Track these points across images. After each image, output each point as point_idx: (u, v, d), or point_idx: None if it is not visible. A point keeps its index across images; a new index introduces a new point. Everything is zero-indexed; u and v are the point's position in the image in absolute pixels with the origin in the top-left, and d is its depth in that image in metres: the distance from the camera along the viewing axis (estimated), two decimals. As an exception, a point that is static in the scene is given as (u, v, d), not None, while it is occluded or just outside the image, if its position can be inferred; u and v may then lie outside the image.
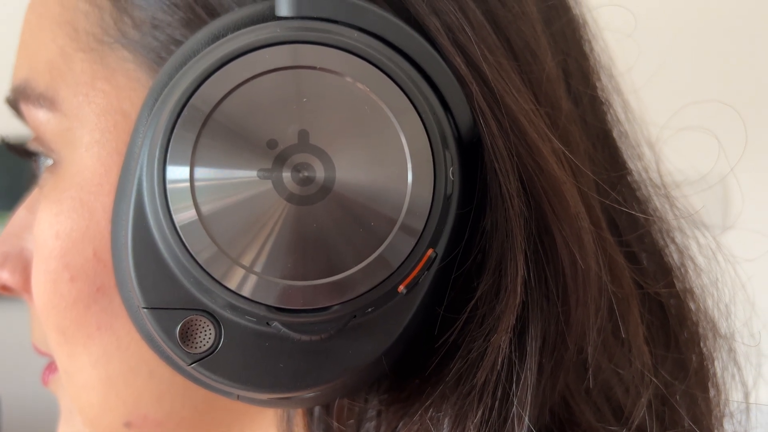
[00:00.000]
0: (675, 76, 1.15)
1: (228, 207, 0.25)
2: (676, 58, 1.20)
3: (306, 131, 0.25)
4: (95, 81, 0.34)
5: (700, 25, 1.25)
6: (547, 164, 0.28)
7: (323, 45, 0.25)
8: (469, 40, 0.29)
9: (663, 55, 1.20)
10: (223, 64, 0.25)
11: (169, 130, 0.25)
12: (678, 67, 1.20)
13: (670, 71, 1.18)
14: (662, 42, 1.18)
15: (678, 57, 1.22)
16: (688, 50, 1.25)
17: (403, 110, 0.25)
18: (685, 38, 1.25)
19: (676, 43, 1.24)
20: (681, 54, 1.23)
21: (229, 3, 0.32)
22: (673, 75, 1.16)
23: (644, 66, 0.38)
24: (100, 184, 0.33)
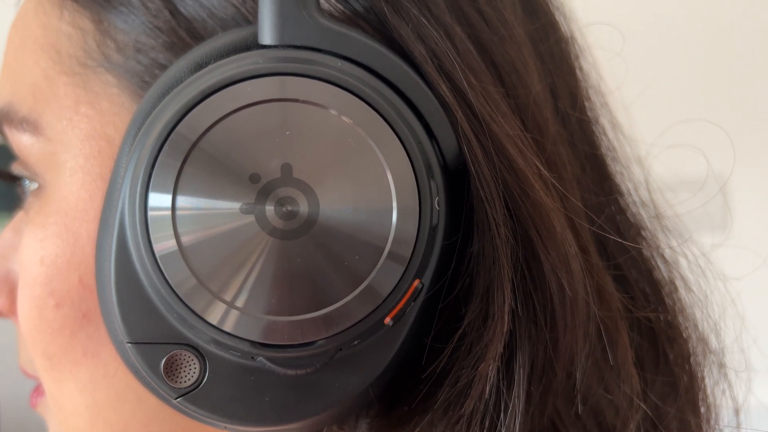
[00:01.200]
0: (663, 93, 1.16)
1: (209, 239, 0.25)
2: (665, 75, 1.20)
3: (289, 165, 0.24)
4: (79, 105, 0.33)
5: (689, 41, 1.26)
6: (533, 191, 0.28)
7: (306, 77, 0.25)
8: (455, 67, 0.28)
9: (651, 72, 1.20)
10: (206, 96, 0.25)
11: (153, 157, 0.25)
12: (666, 84, 1.20)
13: (659, 88, 1.19)
14: (651, 59, 1.19)
15: (666, 74, 1.23)
16: (677, 67, 1.25)
17: (388, 142, 0.25)
18: (673, 55, 1.25)
19: (665, 60, 1.24)
20: (669, 71, 1.24)
21: (213, 27, 0.32)
22: (662, 92, 1.16)
23: (633, 83, 0.38)
24: (85, 210, 0.33)
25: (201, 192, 0.25)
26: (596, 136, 0.36)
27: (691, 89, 1.25)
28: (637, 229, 0.37)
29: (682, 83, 1.25)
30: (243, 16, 0.31)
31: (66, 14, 0.34)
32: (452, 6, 0.31)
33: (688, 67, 1.26)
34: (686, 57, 1.26)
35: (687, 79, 1.26)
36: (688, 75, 1.26)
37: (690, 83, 1.26)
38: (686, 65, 1.26)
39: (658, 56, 1.20)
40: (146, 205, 0.25)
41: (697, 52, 1.27)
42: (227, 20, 0.32)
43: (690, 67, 1.27)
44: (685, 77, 1.25)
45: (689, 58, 1.27)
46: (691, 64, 1.27)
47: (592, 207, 0.33)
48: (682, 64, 1.26)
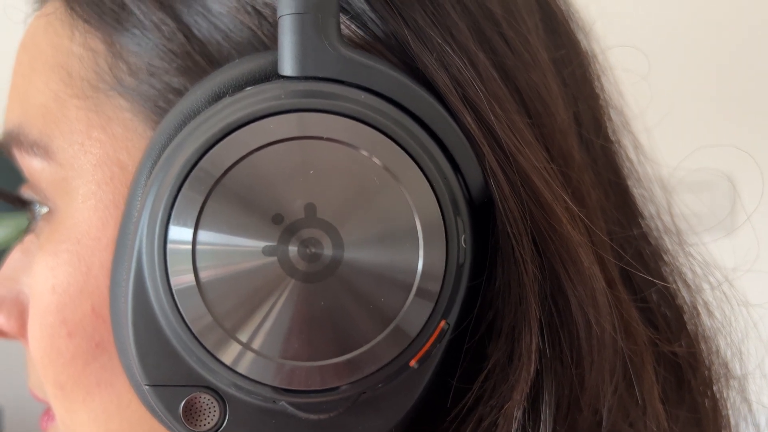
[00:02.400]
0: (688, 116, 1.15)
1: (229, 277, 0.24)
2: (689, 98, 1.20)
3: (313, 205, 0.24)
4: (91, 130, 0.32)
5: (713, 65, 1.24)
6: (561, 225, 0.27)
7: (329, 113, 0.24)
8: (479, 96, 0.28)
9: (675, 95, 1.20)
10: (229, 133, 0.24)
11: (176, 190, 0.24)
12: (691, 107, 1.20)
13: (683, 111, 1.18)
14: (674, 82, 1.18)
15: (691, 96, 1.22)
16: (701, 90, 1.24)
17: (413, 179, 0.24)
18: (697, 78, 1.24)
19: (688, 83, 1.23)
20: (694, 93, 1.23)
21: (228, 50, 0.31)
22: (686, 115, 1.16)
23: (656, 106, 0.37)
24: (98, 238, 0.32)
25: (223, 228, 0.24)
26: (619, 159, 0.35)
27: (716, 113, 1.24)
28: (659, 253, 0.36)
29: (706, 106, 1.24)
30: (259, 39, 0.30)
31: (77, 35, 0.33)
32: (475, 31, 0.30)
33: (711, 89, 1.25)
34: (711, 79, 1.25)
35: (712, 101, 1.25)
36: (711, 97, 1.24)
37: (714, 105, 1.25)
38: (710, 87, 1.25)
39: (682, 79, 1.20)
40: (166, 237, 0.24)
41: (722, 73, 1.26)
42: (243, 43, 0.31)
43: (714, 89, 1.26)
44: (709, 100, 1.24)
45: (713, 80, 1.26)
46: (715, 86, 1.26)
47: (617, 237, 0.32)
48: (706, 86, 1.25)
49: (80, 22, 0.33)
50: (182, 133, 0.26)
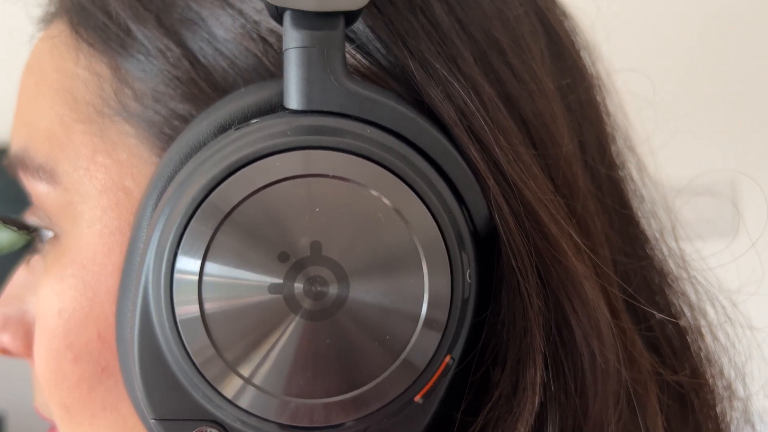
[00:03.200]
0: (693, 139, 1.15)
1: (233, 310, 0.24)
2: (694, 119, 1.20)
3: (318, 242, 0.24)
4: (96, 155, 0.32)
5: (719, 86, 1.24)
6: (566, 258, 0.27)
7: (334, 150, 0.24)
8: (484, 128, 0.28)
9: (680, 116, 1.19)
10: (235, 171, 0.24)
11: (185, 223, 0.24)
12: (695, 130, 1.20)
13: (688, 134, 1.18)
14: (680, 104, 1.18)
15: (695, 117, 1.22)
16: (705, 110, 1.24)
17: (418, 216, 0.24)
18: (704, 100, 1.24)
19: (693, 103, 1.23)
20: (698, 114, 1.23)
21: (234, 77, 0.31)
22: (691, 138, 1.15)
23: (662, 129, 0.37)
24: (103, 264, 0.32)
25: (230, 262, 0.24)
26: (624, 184, 0.35)
27: (720, 134, 1.24)
28: (664, 277, 0.36)
29: (712, 128, 1.24)
30: (265, 66, 0.30)
31: (82, 58, 0.33)
32: (481, 61, 0.30)
33: (717, 112, 1.25)
34: (717, 101, 1.25)
35: (715, 121, 1.24)
36: (715, 118, 1.24)
37: (717, 126, 1.25)
38: (716, 111, 1.25)
39: (687, 99, 1.20)
40: (173, 268, 0.24)
41: (726, 96, 1.26)
42: (248, 70, 0.31)
43: (720, 113, 1.26)
44: (713, 120, 1.24)
45: (719, 102, 1.25)
46: (721, 109, 1.26)
47: (621, 263, 0.32)
48: (712, 110, 1.25)
49: (85, 46, 0.33)
50: (188, 166, 0.26)
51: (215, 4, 0.31)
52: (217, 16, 0.31)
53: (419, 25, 0.29)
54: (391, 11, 0.30)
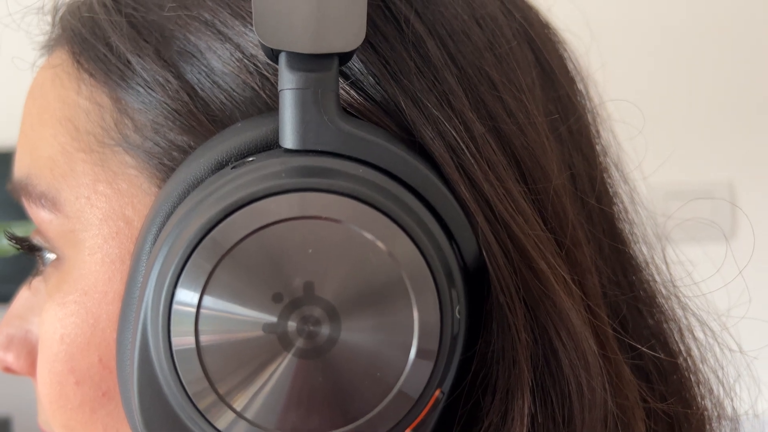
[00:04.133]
0: (684, 163, 1.16)
1: (228, 344, 0.25)
2: (684, 145, 1.20)
3: (312, 283, 0.24)
4: (97, 184, 0.33)
5: (707, 112, 1.25)
6: (554, 293, 0.28)
7: (327, 192, 0.25)
8: (474, 165, 0.28)
9: (680, 122, 1.20)
10: (228, 215, 0.25)
11: (185, 257, 0.25)
12: (687, 153, 1.20)
13: (679, 158, 1.19)
14: (679, 108, 1.18)
15: (686, 143, 1.22)
16: (697, 135, 1.25)
17: (408, 255, 0.25)
18: (703, 103, 1.24)
19: (694, 107, 1.24)
20: (690, 140, 1.23)
21: (231, 110, 0.31)
22: (683, 162, 1.16)
23: (653, 154, 0.38)
24: (105, 292, 0.33)
25: (227, 297, 0.25)
26: (614, 211, 0.36)
27: (713, 158, 1.25)
28: (654, 302, 0.37)
29: (702, 151, 1.25)
30: (262, 99, 0.31)
31: (84, 88, 0.34)
32: (472, 97, 0.30)
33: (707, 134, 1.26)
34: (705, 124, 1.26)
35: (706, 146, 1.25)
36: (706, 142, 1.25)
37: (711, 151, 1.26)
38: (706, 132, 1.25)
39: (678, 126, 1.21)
40: (173, 296, 0.25)
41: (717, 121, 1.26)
42: (246, 102, 0.31)
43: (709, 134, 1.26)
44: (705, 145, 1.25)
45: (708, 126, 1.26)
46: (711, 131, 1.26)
47: (611, 290, 0.33)
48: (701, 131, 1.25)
49: (86, 76, 0.34)
50: (186, 204, 0.27)
51: (213, 37, 0.32)
52: (215, 49, 0.32)
53: (412, 62, 0.30)
54: (384, 47, 0.30)
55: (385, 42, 0.31)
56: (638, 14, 1.23)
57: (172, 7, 0.33)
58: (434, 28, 0.31)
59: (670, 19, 1.24)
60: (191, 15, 0.33)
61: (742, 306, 0.38)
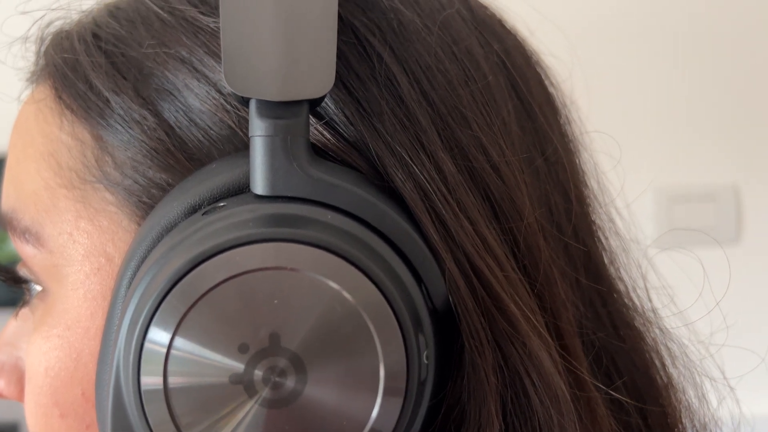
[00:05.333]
0: (688, 166, 1.15)
1: (195, 388, 0.25)
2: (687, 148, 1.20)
3: (277, 334, 0.25)
4: (79, 220, 0.34)
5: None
6: (525, 336, 0.28)
7: (293, 242, 0.25)
8: (444, 207, 0.28)
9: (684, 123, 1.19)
10: (197, 264, 0.25)
11: (157, 303, 0.25)
12: (691, 157, 1.20)
13: (683, 161, 1.18)
14: (683, 110, 1.18)
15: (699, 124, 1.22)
16: (709, 118, 1.24)
17: (374, 304, 0.25)
18: (706, 105, 1.24)
19: (697, 109, 1.23)
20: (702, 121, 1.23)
21: (208, 149, 0.32)
22: (686, 165, 1.16)
23: (632, 185, 0.38)
24: (87, 327, 0.33)
25: (198, 341, 0.25)
26: (592, 243, 0.36)
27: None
28: (633, 329, 0.37)
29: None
30: (239, 138, 0.31)
31: (66, 124, 0.34)
32: (445, 135, 0.30)
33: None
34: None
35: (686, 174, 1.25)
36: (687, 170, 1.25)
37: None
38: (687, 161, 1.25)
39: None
40: (145, 335, 0.26)
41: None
42: (222, 140, 0.32)
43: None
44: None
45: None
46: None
47: (587, 329, 0.33)
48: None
49: (68, 112, 0.34)
50: (159, 249, 0.28)
51: (190, 75, 0.32)
52: (192, 87, 0.32)
53: (384, 101, 0.30)
54: (357, 87, 0.30)
55: (358, 81, 0.31)
56: (636, 16, 1.23)
57: (151, 44, 0.33)
58: (408, 66, 0.31)
59: (673, 20, 1.23)
60: (169, 53, 0.33)
61: (748, 313, 0.38)
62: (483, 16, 0.37)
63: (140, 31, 0.34)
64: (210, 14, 0.33)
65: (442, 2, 0.35)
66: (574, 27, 1.20)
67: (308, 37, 0.28)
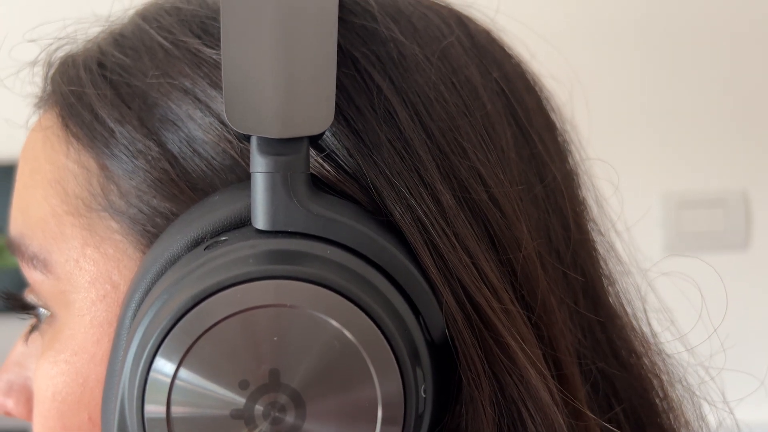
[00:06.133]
0: (697, 172, 1.15)
1: (196, 420, 0.26)
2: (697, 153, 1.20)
3: (277, 370, 0.25)
4: (85, 248, 0.34)
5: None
6: (522, 367, 0.28)
7: (293, 279, 0.26)
8: (441, 239, 0.29)
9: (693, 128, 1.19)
10: (199, 302, 0.26)
11: (164, 333, 0.26)
12: (700, 162, 1.20)
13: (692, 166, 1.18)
14: (691, 114, 1.17)
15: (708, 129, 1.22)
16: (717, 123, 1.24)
17: (372, 340, 0.26)
18: (715, 110, 1.24)
19: (706, 114, 1.23)
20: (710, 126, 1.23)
21: (212, 179, 0.32)
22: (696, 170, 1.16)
23: (632, 209, 0.38)
24: (93, 353, 0.34)
25: (201, 373, 0.26)
26: (592, 267, 0.36)
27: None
28: (633, 354, 0.37)
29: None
30: (242, 168, 0.32)
31: (72, 152, 0.35)
32: (443, 165, 0.31)
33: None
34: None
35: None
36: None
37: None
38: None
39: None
40: (151, 364, 0.26)
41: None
42: (225, 171, 0.32)
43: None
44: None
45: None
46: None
47: (586, 354, 0.33)
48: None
49: (74, 141, 0.35)
50: (163, 283, 0.28)
51: (193, 105, 0.33)
52: (195, 117, 0.33)
53: (383, 133, 0.31)
54: (357, 119, 0.31)
55: (357, 113, 0.31)
56: (644, 20, 1.22)
57: (155, 74, 0.34)
58: (407, 97, 0.32)
59: (682, 26, 1.22)
60: (173, 83, 0.33)
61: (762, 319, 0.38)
62: (483, 42, 0.37)
63: (145, 61, 0.34)
64: (212, 46, 0.33)
65: (442, 30, 0.35)
66: (580, 33, 1.20)
67: (308, 74, 0.28)
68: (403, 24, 0.34)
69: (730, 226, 1.20)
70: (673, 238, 1.20)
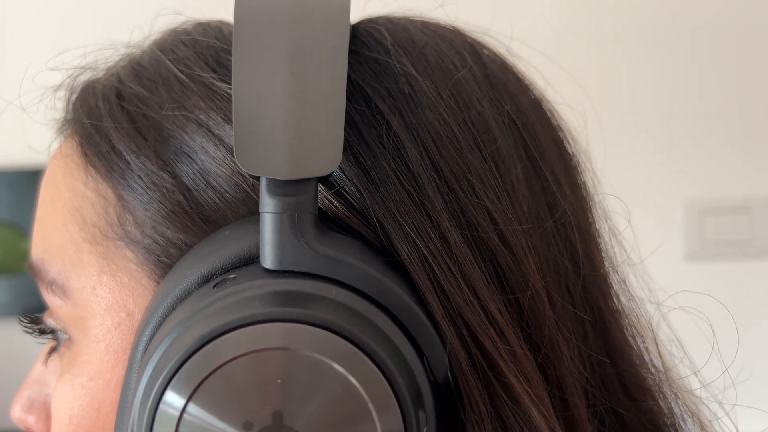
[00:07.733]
0: (720, 178, 1.14)
1: None
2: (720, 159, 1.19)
3: (280, 413, 0.26)
4: (101, 275, 0.35)
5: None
6: (527, 409, 0.28)
7: (297, 322, 0.26)
8: (447, 278, 0.29)
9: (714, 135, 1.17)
10: (202, 346, 0.26)
11: (173, 371, 0.26)
12: (724, 168, 1.19)
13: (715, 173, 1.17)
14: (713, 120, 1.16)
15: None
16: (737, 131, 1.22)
17: (374, 383, 0.26)
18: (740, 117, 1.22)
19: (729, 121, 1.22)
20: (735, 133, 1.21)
21: (224, 212, 0.33)
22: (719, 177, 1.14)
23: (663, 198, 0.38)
24: (108, 379, 0.35)
25: (208, 410, 0.26)
26: (602, 302, 0.36)
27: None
28: (644, 389, 0.37)
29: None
30: (254, 201, 0.32)
31: (90, 181, 0.36)
32: (450, 203, 0.31)
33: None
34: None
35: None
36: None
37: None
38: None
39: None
40: (161, 397, 0.27)
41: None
42: (237, 204, 0.33)
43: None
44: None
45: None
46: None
47: (594, 392, 0.33)
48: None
49: (92, 170, 0.36)
50: (173, 319, 0.29)
51: (207, 138, 0.33)
52: (208, 150, 0.33)
53: (391, 170, 0.31)
54: (366, 156, 0.31)
55: (367, 149, 0.31)
56: (668, 25, 1.21)
57: (171, 107, 0.34)
58: (417, 133, 0.32)
59: (707, 23, 1.21)
60: (188, 116, 0.34)
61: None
62: (497, 72, 0.37)
63: (161, 93, 0.35)
64: (226, 80, 0.34)
65: (455, 62, 0.36)
66: (596, 41, 1.19)
67: (318, 116, 0.28)
68: (416, 57, 0.34)
69: (756, 234, 1.18)
70: (695, 246, 1.19)
